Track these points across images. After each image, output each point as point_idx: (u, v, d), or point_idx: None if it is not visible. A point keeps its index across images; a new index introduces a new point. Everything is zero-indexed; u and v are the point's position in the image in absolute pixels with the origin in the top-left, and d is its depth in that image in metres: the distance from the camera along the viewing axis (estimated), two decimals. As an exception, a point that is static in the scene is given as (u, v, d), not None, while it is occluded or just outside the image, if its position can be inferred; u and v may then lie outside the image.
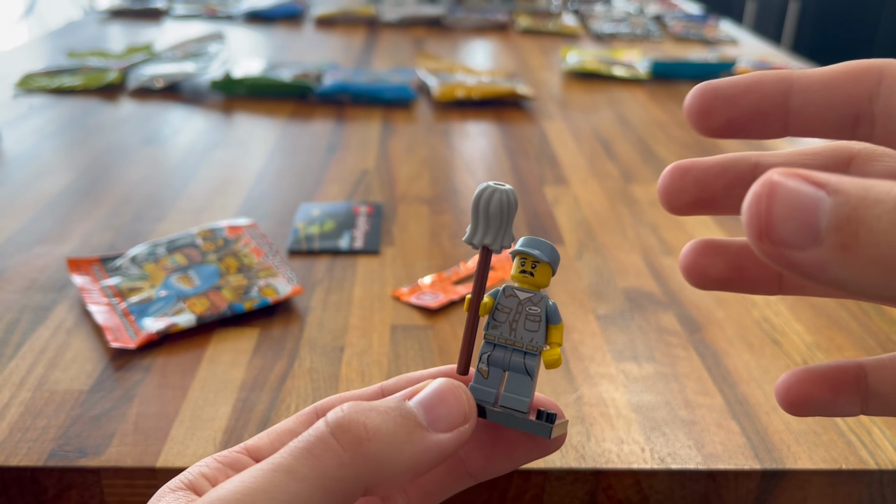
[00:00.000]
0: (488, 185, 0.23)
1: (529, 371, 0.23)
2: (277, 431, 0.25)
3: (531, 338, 0.23)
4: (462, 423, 0.22)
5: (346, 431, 0.20)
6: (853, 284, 0.15)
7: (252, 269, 0.54)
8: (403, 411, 0.21)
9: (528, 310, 0.23)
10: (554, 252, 0.24)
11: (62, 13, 2.44)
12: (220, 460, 0.24)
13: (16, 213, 0.65)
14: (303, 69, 1.06)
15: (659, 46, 1.38)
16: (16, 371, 0.44)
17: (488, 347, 0.24)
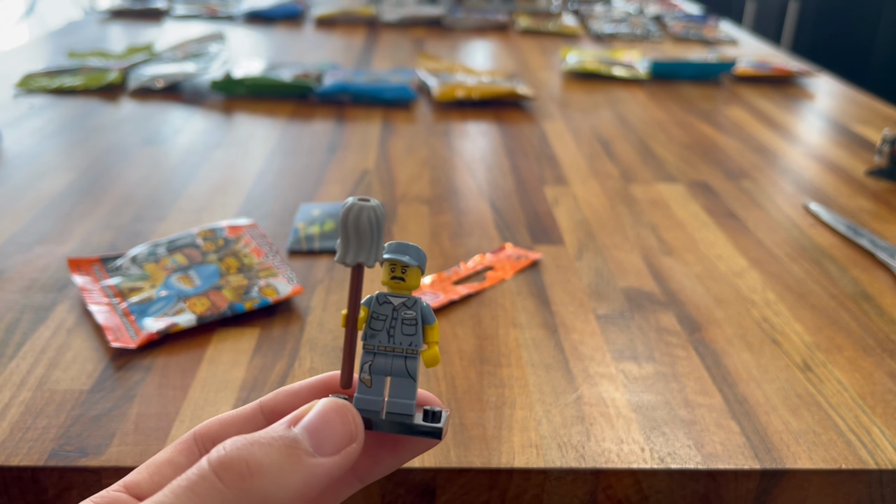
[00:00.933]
0: (354, 203, 0.23)
1: (412, 374, 0.24)
2: (156, 464, 0.25)
3: (409, 342, 0.24)
4: (349, 443, 0.22)
5: (227, 469, 0.20)
6: None
7: (252, 269, 0.54)
8: (287, 440, 0.21)
9: (404, 315, 0.24)
10: (421, 254, 0.24)
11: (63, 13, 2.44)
12: (97, 501, 0.23)
13: (16, 213, 0.65)
14: (303, 69, 1.06)
15: (659, 47, 1.38)
16: (16, 371, 0.44)
17: (368, 357, 0.24)
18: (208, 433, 0.25)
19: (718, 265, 0.60)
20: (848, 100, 1.10)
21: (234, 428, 0.25)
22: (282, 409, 0.25)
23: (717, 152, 0.86)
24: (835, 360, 0.48)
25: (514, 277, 0.57)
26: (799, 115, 1.02)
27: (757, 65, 1.19)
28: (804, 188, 0.76)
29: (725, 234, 0.65)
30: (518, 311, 0.52)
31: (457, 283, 0.55)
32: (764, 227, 0.67)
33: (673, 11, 1.69)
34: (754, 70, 1.16)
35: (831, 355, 0.49)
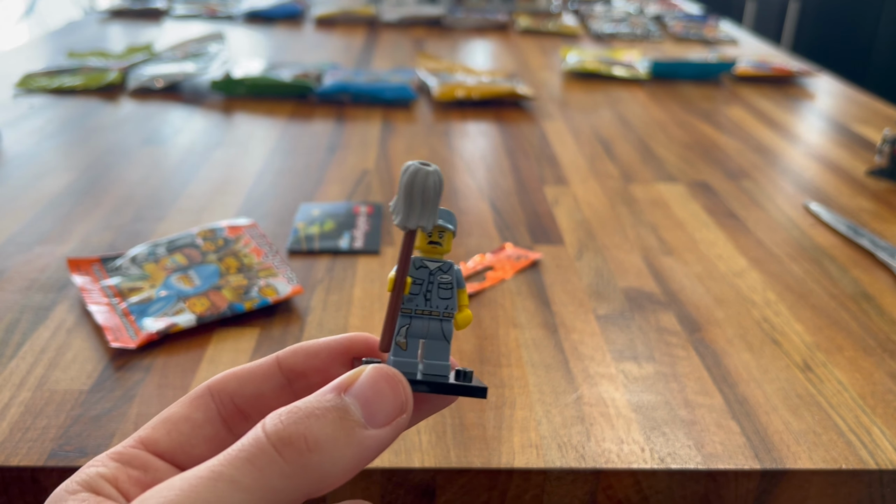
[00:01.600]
0: (419, 168, 0.22)
1: (447, 336, 0.24)
2: (172, 420, 0.24)
3: (446, 305, 0.24)
4: (400, 413, 0.22)
5: (287, 444, 0.20)
6: None
7: (252, 269, 0.54)
8: (341, 411, 0.21)
9: (440, 279, 0.24)
10: (453, 218, 0.24)
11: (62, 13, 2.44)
12: (115, 458, 0.23)
13: (16, 213, 0.65)
14: (303, 69, 1.06)
15: (659, 46, 1.38)
16: (16, 371, 0.44)
17: (405, 320, 0.24)
18: (225, 389, 0.25)
19: (718, 265, 0.60)
20: (848, 99, 1.10)
21: (252, 385, 0.25)
22: (302, 370, 0.25)
23: (717, 152, 0.86)
24: (835, 361, 0.48)
25: (514, 277, 0.57)
26: (799, 115, 1.02)
27: (757, 65, 1.19)
28: (804, 188, 0.76)
29: (725, 234, 0.65)
30: (518, 311, 0.52)
31: (457, 283, 0.55)
32: (764, 227, 0.67)
33: (673, 11, 1.69)
34: (754, 70, 1.16)
35: (831, 355, 0.49)
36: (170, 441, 0.23)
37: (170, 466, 0.23)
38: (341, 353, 0.26)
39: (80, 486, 0.21)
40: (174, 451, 0.23)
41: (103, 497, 0.21)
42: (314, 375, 0.25)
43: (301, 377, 0.25)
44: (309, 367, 0.25)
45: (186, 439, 0.24)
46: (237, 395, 0.25)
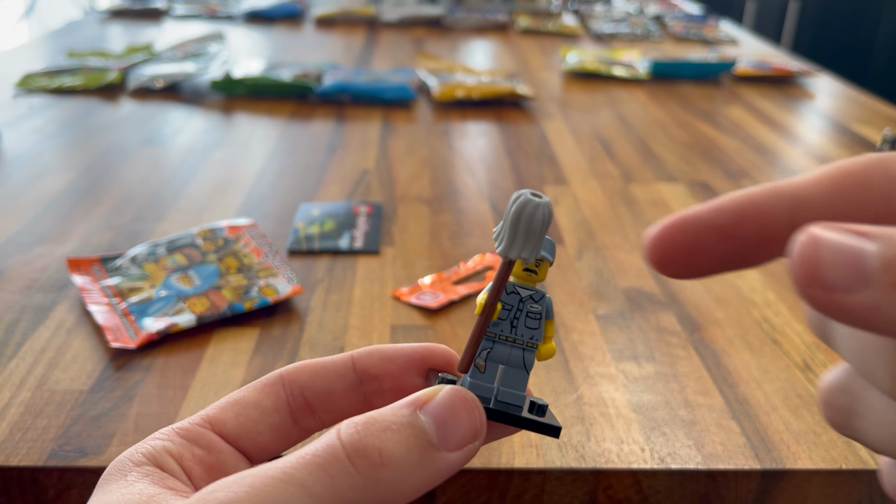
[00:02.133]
0: (529, 199, 0.22)
1: (528, 366, 0.24)
2: (241, 404, 0.24)
3: (531, 335, 0.23)
4: (473, 439, 0.21)
5: (362, 456, 0.20)
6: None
7: (252, 269, 0.54)
8: (416, 429, 0.20)
9: (530, 307, 0.23)
10: (553, 247, 0.24)
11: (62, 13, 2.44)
12: (182, 434, 0.23)
13: (16, 213, 0.65)
14: (303, 69, 1.06)
15: (659, 46, 1.38)
16: (16, 371, 0.44)
17: (488, 343, 0.23)
18: (297, 380, 0.25)
19: (718, 265, 0.60)
20: (848, 99, 1.10)
21: (324, 380, 0.25)
22: (376, 373, 0.25)
23: (717, 152, 0.86)
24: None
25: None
26: (799, 115, 1.02)
27: (757, 65, 1.19)
28: (804, 188, 0.76)
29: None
30: (518, 311, 0.52)
31: (457, 283, 0.55)
32: (764, 227, 0.67)
33: (673, 11, 1.69)
34: (755, 70, 1.16)
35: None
36: (237, 425, 0.23)
37: (233, 450, 0.23)
38: (417, 363, 0.25)
39: (145, 458, 0.21)
40: (239, 434, 0.23)
41: (167, 473, 0.21)
42: (387, 380, 0.25)
43: (374, 380, 0.25)
44: (383, 372, 0.25)
45: (253, 425, 0.24)
46: (308, 388, 0.25)
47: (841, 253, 0.15)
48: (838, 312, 0.16)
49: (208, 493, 0.19)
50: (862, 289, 0.15)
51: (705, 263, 0.19)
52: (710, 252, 0.18)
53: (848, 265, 0.15)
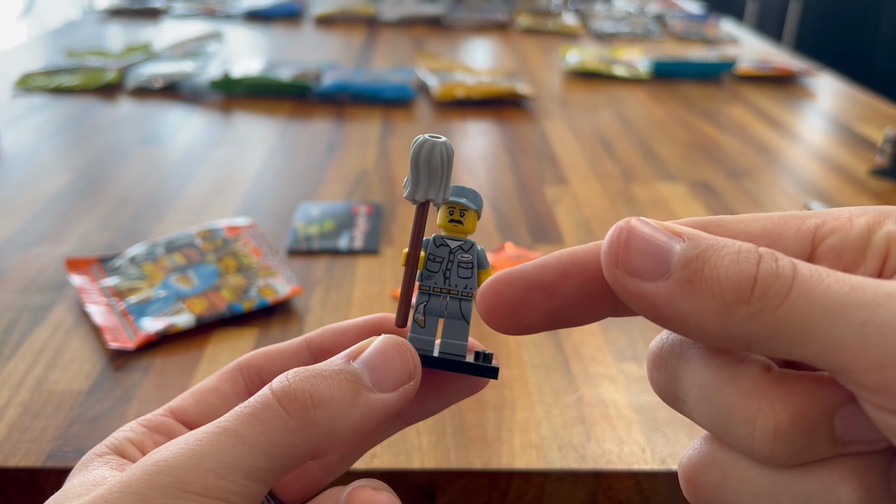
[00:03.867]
0: (426, 139, 0.23)
1: (466, 316, 0.24)
2: (201, 391, 0.25)
3: (465, 284, 0.24)
4: (407, 380, 0.22)
5: (292, 399, 0.20)
6: (693, 317, 0.17)
7: (251, 269, 0.54)
8: (349, 374, 0.21)
9: (461, 258, 0.24)
10: (478, 198, 0.24)
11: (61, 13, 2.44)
12: (145, 425, 0.24)
13: (14, 213, 0.64)
14: (302, 68, 1.06)
15: (659, 45, 1.37)
16: (14, 371, 0.44)
17: (423, 297, 0.24)
18: (253, 365, 0.26)
19: (719, 265, 0.59)
20: (850, 99, 1.10)
21: (279, 362, 0.26)
22: (329, 347, 0.26)
23: (718, 152, 0.85)
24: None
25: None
26: (800, 115, 1.02)
27: (758, 64, 1.19)
28: (806, 188, 0.76)
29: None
30: (518, 311, 0.52)
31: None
32: (765, 227, 0.67)
33: (674, 10, 1.68)
34: (756, 69, 1.16)
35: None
36: (197, 410, 0.24)
37: None
38: (368, 332, 0.26)
39: (109, 449, 0.23)
40: (200, 419, 0.24)
41: (128, 460, 0.22)
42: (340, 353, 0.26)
43: (327, 354, 0.25)
44: (336, 345, 0.26)
45: (214, 409, 0.24)
46: (264, 371, 0.25)
47: (650, 244, 0.18)
48: (636, 296, 0.18)
49: (147, 457, 0.20)
50: (660, 279, 0.17)
51: (532, 319, 0.21)
52: (537, 308, 0.20)
53: (654, 256, 0.18)
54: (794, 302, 0.16)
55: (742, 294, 0.17)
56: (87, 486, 0.21)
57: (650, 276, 0.18)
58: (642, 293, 0.18)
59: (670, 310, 0.17)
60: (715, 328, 0.17)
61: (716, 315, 0.17)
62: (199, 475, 0.19)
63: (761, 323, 0.17)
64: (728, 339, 0.17)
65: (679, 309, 0.17)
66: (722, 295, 0.17)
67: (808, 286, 0.16)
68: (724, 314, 0.17)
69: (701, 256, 0.17)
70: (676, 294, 0.17)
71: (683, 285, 0.17)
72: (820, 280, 0.16)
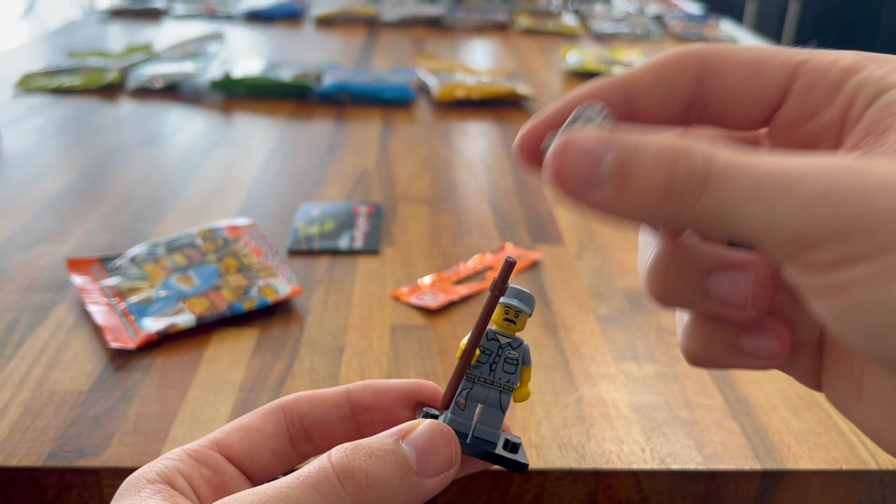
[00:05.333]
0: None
1: (503, 407, 0.26)
2: (246, 430, 0.26)
3: (508, 378, 0.26)
4: (448, 468, 0.24)
5: (349, 477, 0.22)
6: (633, 215, 0.19)
7: (252, 269, 0.54)
8: (398, 456, 0.23)
9: (508, 354, 0.26)
10: (532, 301, 0.26)
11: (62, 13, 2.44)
12: (192, 455, 0.25)
13: (15, 213, 0.65)
14: (302, 69, 1.06)
15: (659, 46, 1.38)
16: (15, 371, 0.44)
17: (468, 384, 0.26)
18: (296, 409, 0.27)
19: (719, 265, 0.60)
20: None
21: (321, 409, 0.27)
22: (369, 405, 0.27)
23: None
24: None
25: (515, 277, 0.56)
26: (799, 115, 1.02)
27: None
28: (805, 188, 0.76)
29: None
30: (518, 311, 0.52)
31: (457, 283, 0.55)
32: (764, 227, 0.67)
33: (673, 11, 1.69)
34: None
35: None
36: (241, 448, 0.26)
37: (237, 471, 0.26)
38: (407, 397, 0.28)
39: (158, 476, 0.23)
40: (243, 457, 0.26)
41: (177, 491, 0.23)
42: (378, 412, 0.27)
43: (366, 411, 0.27)
44: (376, 404, 0.27)
45: (257, 448, 0.26)
46: (306, 417, 0.27)
47: (583, 155, 0.19)
48: (582, 204, 0.19)
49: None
50: (598, 187, 0.19)
51: None
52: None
53: (587, 167, 0.19)
54: (709, 198, 0.18)
55: (661, 194, 0.18)
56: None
57: (589, 186, 0.19)
58: (587, 203, 0.19)
59: (612, 211, 0.19)
60: (653, 221, 0.19)
61: (650, 212, 0.18)
62: None
63: (686, 215, 0.18)
64: (669, 227, 0.20)
65: (619, 210, 0.19)
66: (646, 197, 0.18)
67: (721, 181, 0.18)
68: (655, 211, 0.18)
69: (626, 164, 0.18)
70: (613, 200, 0.19)
71: (615, 192, 0.18)
72: (732, 172, 0.18)
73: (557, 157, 0.19)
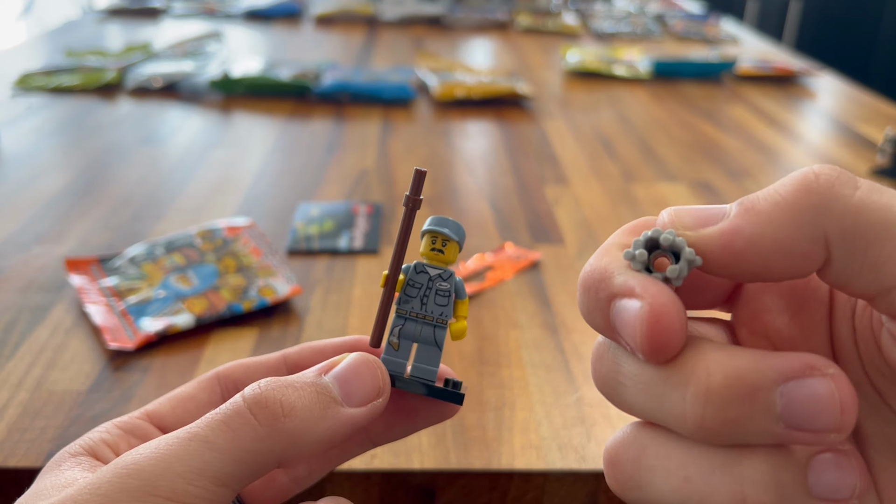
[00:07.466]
0: None
1: (439, 343, 0.25)
2: (178, 398, 0.25)
3: (441, 312, 0.25)
4: (376, 397, 0.23)
5: (263, 407, 0.21)
6: (767, 234, 0.17)
7: (251, 270, 0.53)
8: (319, 387, 0.22)
9: (439, 286, 0.25)
10: (461, 230, 0.25)
11: (60, 12, 2.44)
12: (120, 426, 0.24)
13: (14, 212, 0.64)
14: (302, 68, 1.05)
15: (660, 45, 1.37)
16: (14, 371, 0.44)
17: (399, 321, 0.25)
18: (231, 375, 0.26)
19: (720, 265, 0.59)
20: (850, 99, 1.10)
21: (257, 374, 0.26)
22: (306, 364, 0.26)
23: (718, 151, 0.85)
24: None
25: (515, 277, 0.56)
26: (801, 114, 1.02)
27: (759, 63, 1.19)
28: (805, 187, 0.76)
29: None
30: (518, 311, 0.52)
31: (457, 283, 0.55)
32: (765, 227, 0.66)
33: (674, 10, 1.68)
34: (756, 69, 1.16)
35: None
36: (173, 416, 0.25)
37: None
38: (345, 351, 0.26)
39: (83, 450, 0.23)
40: (176, 426, 0.25)
41: (100, 462, 0.23)
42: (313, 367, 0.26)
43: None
44: (312, 362, 0.26)
45: (190, 416, 0.25)
46: (241, 383, 0.26)
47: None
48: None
49: (118, 459, 0.20)
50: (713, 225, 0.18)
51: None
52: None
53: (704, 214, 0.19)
54: (859, 197, 0.16)
55: (807, 187, 0.17)
56: (58, 487, 0.21)
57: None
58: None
59: (742, 239, 0.17)
60: (791, 236, 0.17)
61: (789, 221, 0.17)
62: (168, 479, 0.19)
63: (834, 214, 0.16)
64: (807, 242, 0.17)
65: (750, 234, 0.17)
66: (785, 201, 0.17)
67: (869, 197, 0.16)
68: (795, 216, 0.17)
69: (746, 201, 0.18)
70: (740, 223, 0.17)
71: (742, 214, 0.17)
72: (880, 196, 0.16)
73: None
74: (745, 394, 0.16)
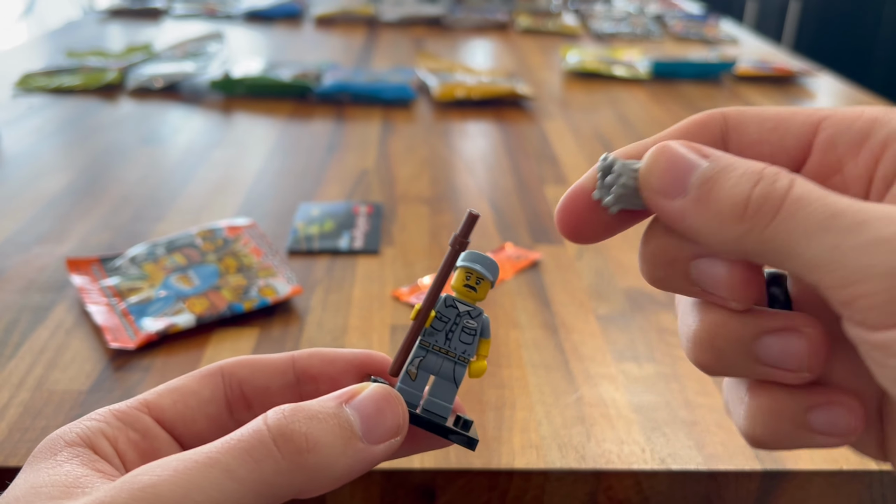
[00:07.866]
0: None
1: (457, 380, 0.24)
2: (180, 391, 0.24)
3: (464, 350, 0.24)
4: (395, 435, 0.22)
5: (287, 440, 0.20)
6: (702, 233, 0.19)
7: (251, 270, 0.54)
8: (342, 420, 0.21)
9: (466, 323, 0.24)
10: (496, 268, 0.25)
11: (61, 13, 2.44)
12: (119, 417, 0.23)
13: (15, 213, 0.65)
14: (302, 69, 1.06)
15: (659, 46, 1.38)
16: (15, 371, 0.44)
17: (421, 352, 0.24)
18: (236, 373, 0.25)
19: (719, 265, 0.59)
20: (849, 99, 1.10)
21: (264, 376, 0.25)
22: (315, 374, 0.25)
23: (717, 152, 0.85)
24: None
25: (515, 277, 0.56)
26: (799, 115, 1.02)
27: (758, 64, 1.19)
28: (805, 188, 0.76)
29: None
30: (518, 311, 0.52)
31: (457, 283, 0.55)
32: (765, 227, 0.67)
33: (673, 10, 1.69)
34: (755, 69, 1.16)
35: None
36: (174, 411, 0.24)
37: (168, 436, 0.24)
38: (356, 367, 0.26)
39: (79, 438, 0.22)
40: (175, 421, 0.24)
41: (99, 456, 0.21)
42: (325, 382, 0.25)
43: (312, 381, 0.25)
44: (322, 374, 0.26)
45: (190, 413, 0.24)
46: (246, 383, 0.25)
47: (677, 162, 0.20)
48: (658, 211, 0.20)
49: (133, 477, 0.19)
50: (678, 197, 0.19)
51: (602, 226, 0.23)
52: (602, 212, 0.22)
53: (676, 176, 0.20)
54: (779, 223, 0.18)
55: (736, 213, 0.18)
56: (59, 485, 0.20)
57: (671, 194, 0.19)
58: (662, 210, 0.20)
59: (683, 225, 0.19)
60: (718, 243, 0.19)
61: (718, 232, 0.19)
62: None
63: (753, 240, 0.18)
64: (729, 252, 0.19)
65: (690, 225, 0.19)
66: (721, 214, 0.19)
67: (795, 209, 0.18)
68: (724, 231, 0.19)
69: (713, 178, 0.19)
70: (689, 212, 0.19)
71: (694, 204, 0.19)
72: (807, 203, 0.18)
73: (652, 159, 0.20)
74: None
